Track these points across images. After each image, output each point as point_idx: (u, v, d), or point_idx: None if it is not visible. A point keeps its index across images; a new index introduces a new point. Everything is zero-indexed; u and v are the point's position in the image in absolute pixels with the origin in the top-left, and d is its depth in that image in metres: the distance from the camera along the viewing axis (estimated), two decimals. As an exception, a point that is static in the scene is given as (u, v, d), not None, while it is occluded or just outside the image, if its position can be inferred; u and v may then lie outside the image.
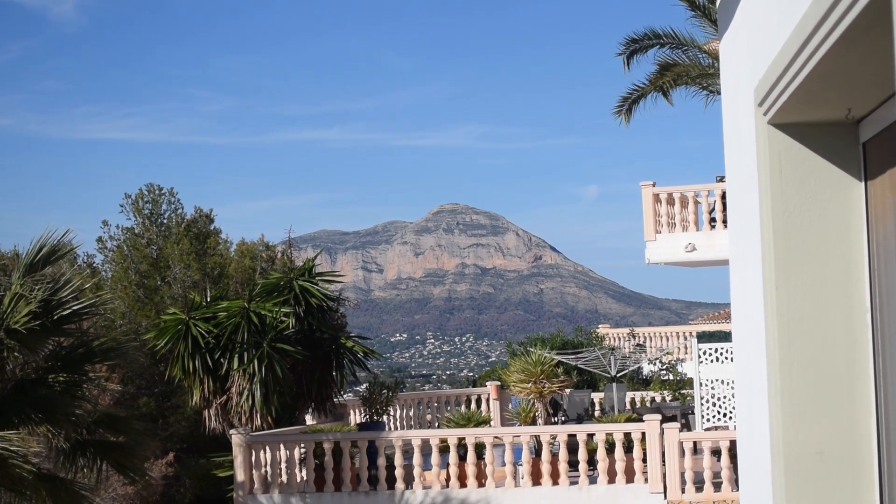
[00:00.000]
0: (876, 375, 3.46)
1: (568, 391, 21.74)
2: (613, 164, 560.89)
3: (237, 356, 19.08)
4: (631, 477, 17.17)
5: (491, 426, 21.04)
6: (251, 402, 18.90)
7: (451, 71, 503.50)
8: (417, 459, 17.87)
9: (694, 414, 19.81)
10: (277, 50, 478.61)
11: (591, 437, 17.48)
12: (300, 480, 18.41)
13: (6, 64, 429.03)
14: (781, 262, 3.59)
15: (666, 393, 24.95)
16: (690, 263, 23.16)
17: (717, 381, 19.34)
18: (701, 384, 19.40)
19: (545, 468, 17.33)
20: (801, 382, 3.55)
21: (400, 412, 23.59)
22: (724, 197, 21.50)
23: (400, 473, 17.92)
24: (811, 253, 3.58)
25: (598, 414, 22.62)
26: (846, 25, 2.71)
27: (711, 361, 19.42)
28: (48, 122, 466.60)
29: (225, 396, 19.31)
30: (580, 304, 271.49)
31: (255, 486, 18.28)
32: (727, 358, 19.29)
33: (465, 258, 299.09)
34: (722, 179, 21.63)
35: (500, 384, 24.24)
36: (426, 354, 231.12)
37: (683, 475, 16.82)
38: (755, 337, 3.95)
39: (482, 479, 17.70)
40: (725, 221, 21.17)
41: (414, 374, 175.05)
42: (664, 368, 29.26)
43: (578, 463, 17.36)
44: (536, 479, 17.47)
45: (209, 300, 20.47)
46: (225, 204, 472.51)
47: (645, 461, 17.09)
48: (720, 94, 4.70)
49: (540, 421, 20.02)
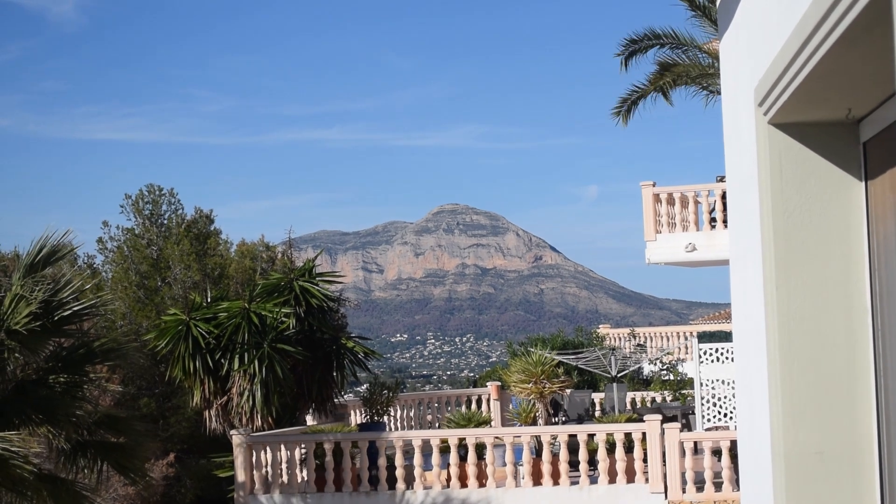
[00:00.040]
0: (876, 375, 3.46)
1: (568, 391, 21.75)
2: (613, 164, 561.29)
3: (238, 357, 19.07)
4: (632, 477, 17.17)
5: (491, 426, 21.05)
6: (252, 402, 18.90)
7: (451, 71, 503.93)
8: (418, 460, 17.87)
9: (694, 414, 19.81)
10: (277, 50, 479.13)
11: (591, 437, 17.48)
12: (301, 481, 18.42)
13: (6, 64, 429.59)
14: (782, 262, 3.59)
15: (666, 393, 24.95)
16: (691, 263, 23.16)
17: (717, 381, 19.34)
18: (701, 384, 19.40)
19: (546, 468, 17.33)
20: (801, 382, 3.55)
21: (400, 412, 23.59)
22: (724, 197, 21.50)
23: (401, 474, 17.93)
24: (811, 253, 3.58)
25: (598, 414, 22.61)
26: (846, 25, 2.71)
27: (712, 361, 19.42)
28: (48, 122, 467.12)
29: (225, 397, 19.31)
30: (580, 304, 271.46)
31: (255, 486, 18.28)
32: (728, 358, 19.29)
33: (465, 258, 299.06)
34: (722, 179, 21.63)
35: (500, 384, 24.25)
36: (427, 355, 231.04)
37: (684, 475, 16.83)
38: (756, 337, 3.94)
39: (483, 479, 17.70)
40: (726, 221, 21.16)
41: (414, 374, 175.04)
42: (665, 368, 29.27)
43: (579, 463, 17.36)
44: (537, 479, 17.47)
45: (210, 301, 20.47)
46: (225, 204, 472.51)
47: (646, 461, 17.09)
48: (720, 94, 4.70)
49: (540, 421, 20.02)
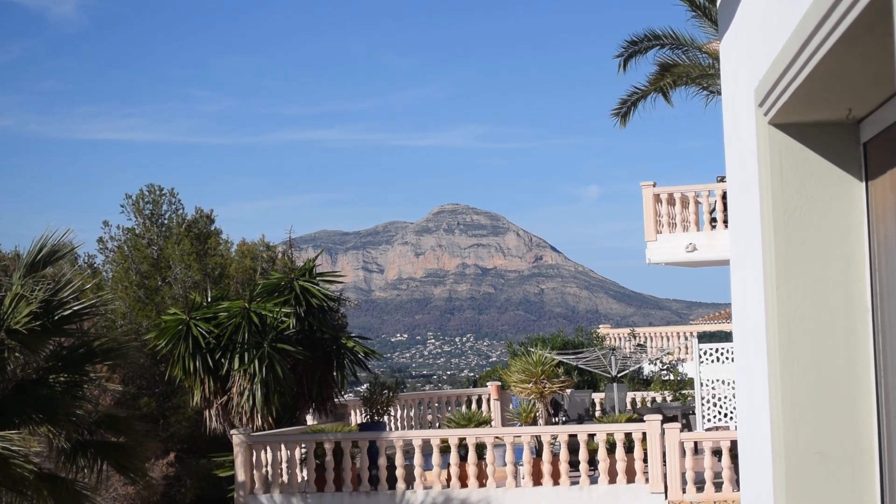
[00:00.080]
0: (877, 376, 3.46)
1: (569, 391, 21.76)
2: (614, 164, 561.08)
3: (238, 356, 19.08)
4: (632, 477, 17.17)
5: (492, 426, 21.05)
6: (252, 402, 18.91)
7: (451, 71, 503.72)
8: (418, 459, 17.87)
9: (695, 414, 19.82)
10: (277, 50, 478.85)
11: (591, 437, 17.48)
12: (301, 480, 18.42)
13: (6, 64, 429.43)
14: (782, 262, 3.59)
15: (667, 393, 24.95)
16: (691, 263, 23.16)
17: (717, 381, 19.35)
18: (702, 384, 19.40)
19: (546, 468, 17.33)
20: (801, 383, 3.55)
21: (401, 412, 23.59)
22: (724, 197, 21.50)
23: (401, 473, 17.93)
24: (812, 253, 3.57)
25: (598, 414, 22.62)
26: (847, 25, 2.71)
27: (712, 361, 19.42)
28: (48, 122, 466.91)
29: (226, 397, 19.31)
30: (581, 304, 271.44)
31: (255, 486, 18.28)
32: (728, 358, 19.29)
33: (465, 258, 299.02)
34: (722, 179, 21.63)
35: (500, 384, 24.24)
36: (427, 355, 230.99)
37: (684, 475, 16.83)
38: (756, 337, 3.94)
39: (483, 479, 17.70)
40: (726, 221, 21.16)
41: (414, 374, 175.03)
42: (665, 368, 29.27)
43: (579, 463, 17.37)
44: (537, 479, 17.48)
45: (210, 300, 20.47)
46: (225, 204, 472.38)
47: (646, 461, 17.09)
48: (720, 94, 4.70)
49: (541, 421, 20.02)
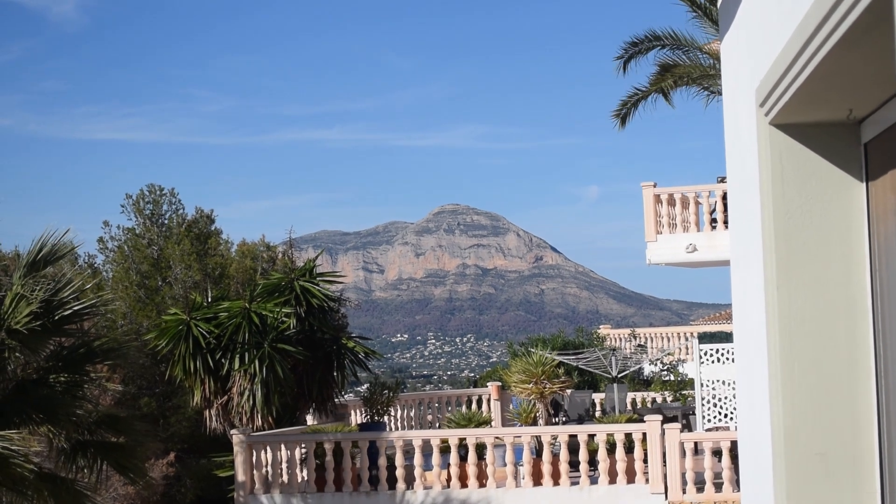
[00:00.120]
0: (877, 376, 3.46)
1: (569, 392, 21.76)
2: (614, 164, 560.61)
3: (238, 356, 19.08)
4: (632, 477, 17.17)
5: (492, 427, 21.04)
6: (252, 402, 18.91)
7: (451, 71, 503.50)
8: (418, 460, 17.87)
9: (695, 414, 19.82)
10: (277, 50, 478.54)
11: (592, 437, 17.48)
12: (301, 480, 18.42)
13: (6, 64, 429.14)
14: (782, 262, 3.59)
15: (667, 393, 24.95)
16: (691, 264, 23.15)
17: (718, 381, 19.35)
18: (702, 385, 19.40)
19: (546, 469, 17.33)
20: (802, 383, 3.54)
21: (401, 412, 23.59)
22: (724, 197, 21.50)
23: (401, 474, 17.93)
24: (812, 254, 3.57)
25: (598, 414, 22.61)
26: (847, 26, 2.71)
27: (712, 362, 19.42)
28: (48, 122, 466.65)
29: (226, 397, 19.31)
30: (581, 304, 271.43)
31: (255, 486, 18.28)
32: (728, 358, 19.29)
33: (465, 259, 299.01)
34: (723, 180, 21.62)
35: (501, 385, 24.25)
36: (427, 355, 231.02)
37: (684, 476, 16.83)
38: (756, 338, 3.94)
39: (483, 479, 17.70)
40: (726, 222, 21.16)
41: (415, 374, 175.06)
42: (665, 369, 29.28)
43: (579, 463, 17.37)
44: (537, 479, 17.48)
45: (210, 300, 20.47)
46: (225, 204, 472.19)
47: (646, 462, 17.09)
48: (721, 94, 4.70)
49: (541, 421, 20.02)
